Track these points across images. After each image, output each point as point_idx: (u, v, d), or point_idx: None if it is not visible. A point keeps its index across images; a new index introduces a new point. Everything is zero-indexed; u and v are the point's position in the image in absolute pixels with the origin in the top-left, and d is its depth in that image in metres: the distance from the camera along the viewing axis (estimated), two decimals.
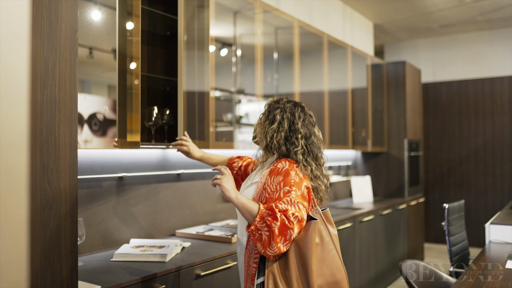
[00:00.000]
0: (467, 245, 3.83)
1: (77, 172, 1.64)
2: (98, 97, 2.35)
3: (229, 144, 3.19)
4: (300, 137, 1.87)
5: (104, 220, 2.56)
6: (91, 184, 2.50)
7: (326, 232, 1.74)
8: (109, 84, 2.45)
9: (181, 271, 2.19)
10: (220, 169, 1.81)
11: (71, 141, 1.61)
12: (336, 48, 4.65)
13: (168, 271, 2.12)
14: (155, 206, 2.88)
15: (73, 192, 1.62)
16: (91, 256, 2.37)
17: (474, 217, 6.79)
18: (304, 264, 1.67)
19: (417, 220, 5.88)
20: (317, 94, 4.34)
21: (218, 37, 3.09)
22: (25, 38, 1.38)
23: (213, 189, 3.32)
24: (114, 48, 2.39)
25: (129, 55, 2.43)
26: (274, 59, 3.73)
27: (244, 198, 1.73)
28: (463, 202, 3.91)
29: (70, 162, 1.61)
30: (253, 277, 1.76)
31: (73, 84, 1.63)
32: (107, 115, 2.35)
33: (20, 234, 1.37)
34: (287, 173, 1.76)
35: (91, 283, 1.85)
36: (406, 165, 5.63)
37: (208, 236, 2.84)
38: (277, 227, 1.62)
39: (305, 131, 1.91)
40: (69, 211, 1.60)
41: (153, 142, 2.71)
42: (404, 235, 5.38)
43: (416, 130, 6.09)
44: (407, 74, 5.74)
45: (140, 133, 2.46)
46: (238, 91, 3.38)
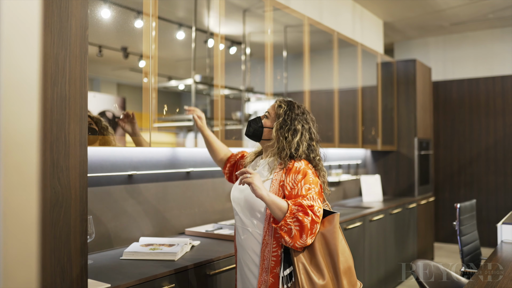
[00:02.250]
0: (478, 245, 3.79)
1: (87, 170, 1.63)
2: (107, 95, 2.35)
3: (239, 142, 3.18)
4: (316, 143, 2.05)
5: (114, 218, 2.56)
6: (100, 182, 2.49)
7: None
8: (118, 82, 2.45)
9: (190, 270, 2.18)
10: (247, 170, 1.86)
11: (81, 139, 1.61)
12: (346, 46, 4.62)
13: (177, 270, 2.11)
14: (164, 204, 2.87)
15: (83, 190, 1.62)
16: (101, 254, 2.37)
17: (485, 216, 6.72)
18: (332, 253, 1.82)
19: (427, 219, 5.83)
20: (327, 93, 4.31)
21: (227, 35, 3.08)
22: (36, 35, 1.38)
23: (222, 188, 3.31)
24: (123, 46, 2.38)
25: (139, 53, 2.42)
26: (284, 57, 3.71)
27: (273, 195, 1.81)
28: (474, 201, 3.87)
29: (80, 160, 1.60)
30: (272, 269, 1.87)
31: (83, 82, 1.62)
32: (116, 113, 2.34)
33: (30, 233, 1.36)
34: (305, 173, 1.90)
35: (100, 282, 1.85)
36: (416, 164, 5.58)
37: (218, 235, 2.83)
38: (308, 222, 1.75)
39: (317, 136, 2.08)
40: (79, 209, 1.59)
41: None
42: (414, 234, 5.33)
43: (426, 128, 6.03)
44: (417, 72, 5.68)
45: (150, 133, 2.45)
46: (247, 90, 3.36)
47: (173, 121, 2.85)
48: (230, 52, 3.18)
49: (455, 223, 3.49)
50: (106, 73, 2.45)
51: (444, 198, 7.08)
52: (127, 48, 2.46)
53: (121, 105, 2.39)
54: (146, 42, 2.47)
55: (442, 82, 7.18)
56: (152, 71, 2.53)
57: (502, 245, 3.11)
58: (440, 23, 6.56)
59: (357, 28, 5.58)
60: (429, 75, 6.27)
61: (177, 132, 2.89)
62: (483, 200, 6.82)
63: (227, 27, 3.08)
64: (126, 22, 2.41)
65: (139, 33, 2.46)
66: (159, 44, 2.66)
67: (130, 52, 2.46)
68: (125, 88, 2.52)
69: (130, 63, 2.48)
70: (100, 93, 2.35)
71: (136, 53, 2.46)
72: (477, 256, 3.69)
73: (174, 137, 2.86)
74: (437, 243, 6.91)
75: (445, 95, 7.16)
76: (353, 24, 5.49)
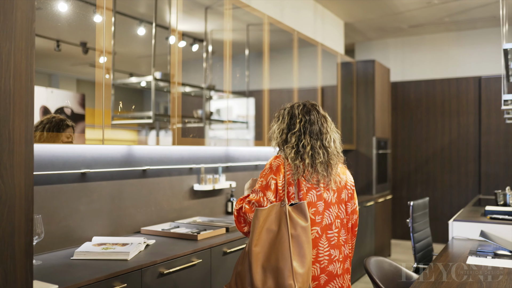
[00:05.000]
0: (431, 242, 3.91)
1: (33, 168, 1.58)
2: (66, 91, 2.29)
3: (200, 140, 3.16)
4: (296, 137, 2.12)
5: (66, 217, 2.49)
6: (51, 180, 2.42)
7: (300, 223, 1.87)
8: (78, 78, 2.39)
9: (144, 269, 2.15)
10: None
11: (26, 136, 1.55)
12: (307, 45, 4.66)
13: (129, 270, 2.07)
14: (119, 203, 2.82)
15: (29, 188, 1.56)
16: (51, 255, 2.31)
17: (439, 214, 6.94)
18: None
19: (384, 217, 5.97)
20: (287, 91, 4.34)
21: (189, 32, 3.05)
22: None
23: (180, 186, 3.28)
24: (82, 41, 2.33)
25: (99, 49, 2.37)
26: (246, 55, 3.71)
27: (247, 191, 2.14)
28: (427, 199, 3.99)
29: (25, 158, 1.55)
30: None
31: (30, 76, 1.57)
32: (75, 109, 2.28)
33: None
34: (265, 167, 2.10)
35: (48, 283, 1.80)
36: (374, 162, 5.70)
37: (174, 234, 2.80)
38: (235, 210, 2.05)
39: (302, 131, 2.15)
40: (24, 208, 1.54)
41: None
42: (371, 232, 5.45)
43: (385, 128, 6.17)
44: (376, 72, 5.80)
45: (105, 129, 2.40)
46: (209, 87, 3.34)
47: (132, 118, 2.80)
48: (193, 49, 3.15)
49: (408, 221, 3.59)
50: (65, 68, 2.39)
51: (401, 196, 7.26)
52: (87, 43, 2.40)
53: (81, 102, 2.33)
54: (106, 37, 2.41)
55: (400, 82, 7.36)
56: (110, 67, 2.48)
57: (453, 241, 3.21)
58: (399, 25, 6.71)
59: (318, 28, 5.63)
60: (388, 75, 6.41)
61: (139, 129, 2.85)
62: (438, 198, 7.04)
63: (189, 24, 3.05)
64: (84, 17, 2.36)
65: (98, 28, 2.40)
66: (119, 40, 2.61)
67: (89, 47, 2.41)
68: (85, 84, 2.46)
69: (90, 58, 2.42)
70: (59, 89, 2.28)
71: (96, 48, 2.41)
72: (429, 252, 3.80)
73: (135, 134, 2.81)
74: (394, 240, 7.09)
75: (403, 96, 7.34)
76: (314, 24, 5.54)
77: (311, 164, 1.99)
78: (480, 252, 2.82)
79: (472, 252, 2.82)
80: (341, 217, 2.07)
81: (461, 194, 6.90)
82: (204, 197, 3.50)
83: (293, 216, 1.87)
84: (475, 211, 3.96)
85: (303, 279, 1.81)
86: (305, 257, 1.84)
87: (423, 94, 7.22)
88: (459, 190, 6.92)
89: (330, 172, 2.02)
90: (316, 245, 1.97)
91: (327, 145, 2.04)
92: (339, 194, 2.07)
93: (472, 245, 3.06)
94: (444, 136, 7.06)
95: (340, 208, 2.07)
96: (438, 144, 7.10)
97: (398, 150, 7.35)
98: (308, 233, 1.87)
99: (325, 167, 2.01)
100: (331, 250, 2.00)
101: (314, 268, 1.96)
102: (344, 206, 2.10)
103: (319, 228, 1.98)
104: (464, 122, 6.93)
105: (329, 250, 1.99)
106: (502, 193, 4.17)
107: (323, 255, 1.98)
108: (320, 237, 1.98)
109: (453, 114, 7.02)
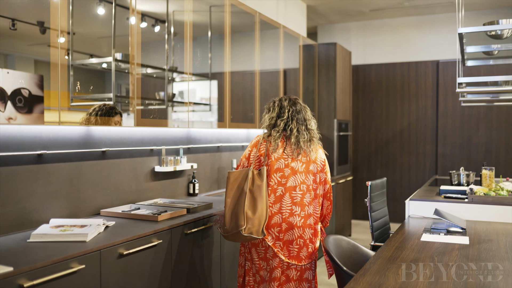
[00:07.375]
0: (388, 221, 4.04)
1: None
2: (23, 72, 2.22)
3: (162, 122, 3.13)
4: (281, 120, 2.77)
5: (21, 199, 2.44)
6: (6, 162, 2.36)
7: (257, 182, 2.58)
8: (36, 58, 2.32)
9: (103, 251, 2.14)
10: None
11: None
12: (269, 27, 4.66)
13: (88, 251, 2.06)
14: (78, 185, 2.78)
15: None
16: (6, 238, 2.26)
17: (398, 194, 7.16)
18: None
19: (345, 198, 6.11)
20: (250, 74, 4.35)
21: (151, 12, 3.00)
22: None
23: (141, 167, 3.25)
24: (39, 21, 2.25)
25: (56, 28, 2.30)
26: (208, 37, 3.68)
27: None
28: (385, 179, 4.10)
29: None
30: None
31: None
32: (33, 91, 2.22)
33: None
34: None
35: (2, 265, 1.77)
36: (336, 144, 5.81)
37: (134, 215, 2.79)
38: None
39: (284, 115, 2.80)
40: None
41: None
42: (333, 212, 5.56)
43: (346, 110, 6.27)
44: (337, 55, 5.87)
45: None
46: (171, 69, 3.31)
47: (92, 100, 2.75)
48: (155, 30, 3.10)
49: (366, 200, 3.69)
50: (22, 48, 2.31)
51: (362, 178, 7.44)
52: (44, 22, 2.33)
53: (39, 83, 2.26)
54: (62, 17, 2.35)
55: (361, 66, 7.48)
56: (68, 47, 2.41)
57: (409, 220, 3.33)
58: (360, 8, 6.79)
59: (280, 10, 5.63)
60: (349, 58, 6.49)
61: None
62: (397, 178, 7.25)
63: (150, 4, 3.00)
64: None
65: (54, 7, 2.33)
66: (78, 20, 2.54)
67: (47, 27, 2.34)
68: (43, 65, 2.39)
69: (48, 38, 2.35)
70: (15, 70, 2.20)
71: (52, 28, 2.34)
72: (386, 230, 3.93)
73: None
74: (354, 220, 7.28)
75: (364, 79, 7.47)
76: (277, 6, 5.54)
77: (295, 142, 2.66)
78: (434, 229, 2.94)
79: (426, 230, 2.93)
80: (307, 183, 2.66)
81: (419, 175, 7.13)
82: (165, 179, 3.49)
83: (255, 177, 2.58)
84: (430, 191, 4.10)
85: (253, 223, 2.48)
86: (256, 207, 2.51)
87: (383, 77, 7.37)
88: (417, 171, 7.15)
89: (311, 148, 2.69)
90: (280, 200, 2.61)
91: (311, 128, 2.73)
92: (307, 166, 2.68)
93: (426, 223, 3.17)
94: (404, 119, 7.25)
95: (307, 176, 2.66)
96: (397, 126, 7.28)
97: (359, 132, 7.50)
98: (262, 190, 2.54)
99: (308, 145, 2.68)
100: (293, 206, 2.61)
101: (277, 217, 2.60)
102: (313, 176, 2.69)
103: (283, 188, 2.61)
104: (422, 105, 7.13)
105: (291, 206, 2.61)
106: (456, 173, 4.33)
107: (285, 209, 2.60)
108: (283, 195, 2.61)
109: (412, 97, 7.20)
